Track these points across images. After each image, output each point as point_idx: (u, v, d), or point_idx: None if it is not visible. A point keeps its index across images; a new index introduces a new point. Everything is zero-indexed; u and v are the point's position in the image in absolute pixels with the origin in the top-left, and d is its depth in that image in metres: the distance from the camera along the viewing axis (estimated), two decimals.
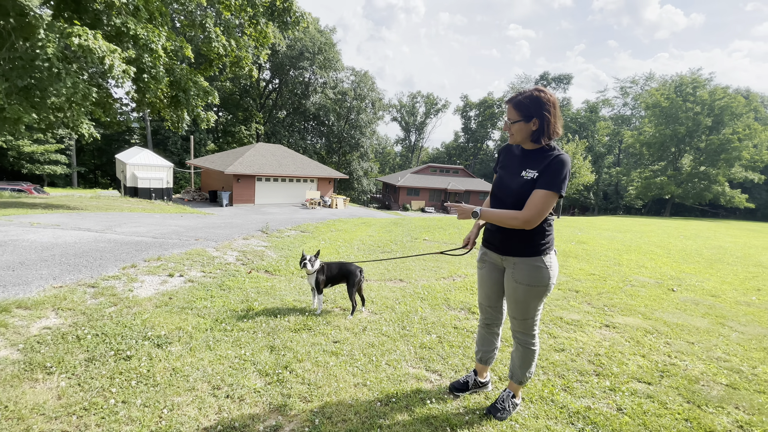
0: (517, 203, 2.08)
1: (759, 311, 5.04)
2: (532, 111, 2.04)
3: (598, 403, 2.55)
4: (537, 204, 1.98)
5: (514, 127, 2.11)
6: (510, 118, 2.13)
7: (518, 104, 2.08)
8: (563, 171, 1.99)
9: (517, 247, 2.12)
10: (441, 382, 2.70)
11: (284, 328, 3.33)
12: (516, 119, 2.09)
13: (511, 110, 2.12)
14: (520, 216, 1.99)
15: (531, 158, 2.11)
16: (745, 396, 2.78)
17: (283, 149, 28.79)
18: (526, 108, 2.06)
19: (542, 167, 2.02)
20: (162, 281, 4.41)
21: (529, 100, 2.06)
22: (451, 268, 6.21)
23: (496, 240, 2.24)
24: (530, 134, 2.08)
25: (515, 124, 2.10)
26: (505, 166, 2.26)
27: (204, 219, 11.83)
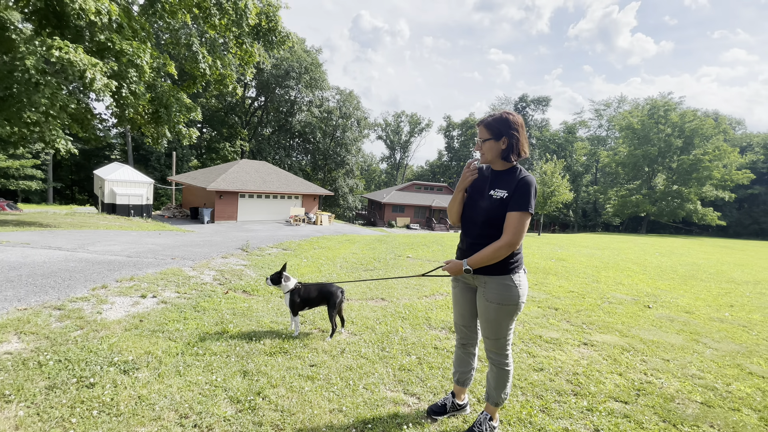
0: (488, 221, 2.14)
1: (732, 327, 5.17)
2: (502, 130, 2.13)
3: (575, 424, 2.54)
4: (515, 225, 2.03)
5: (485, 146, 2.18)
6: (481, 137, 2.20)
7: (489, 125, 2.16)
8: (530, 190, 2.06)
9: (489, 266, 2.15)
10: (419, 405, 2.65)
11: (259, 352, 3.23)
12: (487, 137, 2.16)
13: (483, 130, 2.19)
14: (503, 243, 2.04)
15: (500, 179, 2.18)
16: (719, 414, 2.82)
17: (267, 166, 28.65)
18: (495, 128, 2.14)
19: (512, 189, 2.08)
20: (133, 303, 4.25)
21: (498, 121, 2.15)
22: (433, 286, 6.20)
23: (465, 257, 2.25)
24: (500, 152, 2.15)
25: (486, 142, 2.17)
26: (475, 187, 2.31)
27: (183, 236, 11.56)
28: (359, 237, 15.53)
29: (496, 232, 2.12)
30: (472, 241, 2.21)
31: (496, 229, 2.12)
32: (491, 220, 2.12)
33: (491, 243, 2.11)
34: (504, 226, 2.08)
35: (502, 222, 2.10)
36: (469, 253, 2.22)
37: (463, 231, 2.31)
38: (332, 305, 3.62)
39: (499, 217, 2.10)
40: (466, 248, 2.23)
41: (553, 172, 27.13)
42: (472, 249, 2.19)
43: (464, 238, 2.27)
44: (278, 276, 3.62)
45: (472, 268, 2.12)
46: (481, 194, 2.24)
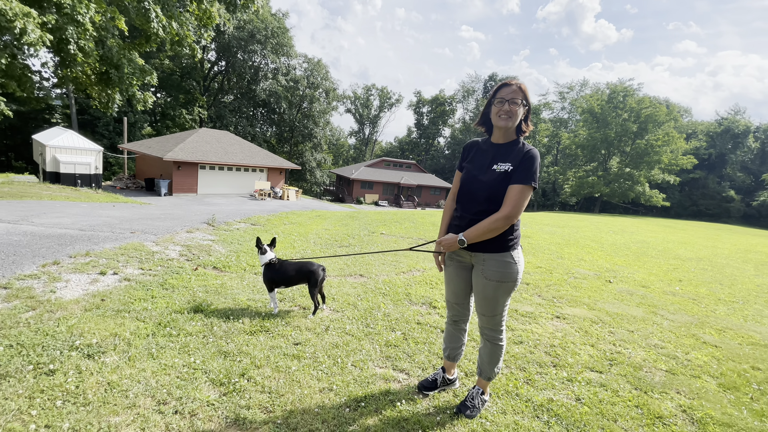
0: (491, 196, 2.06)
1: (683, 300, 5.60)
2: (528, 98, 2.09)
3: (558, 394, 2.64)
4: (515, 198, 1.97)
5: (520, 109, 2.06)
6: (516, 99, 2.05)
7: (524, 90, 2.08)
8: (536, 164, 2.01)
9: (487, 243, 2.09)
10: (409, 381, 2.63)
11: (239, 331, 3.07)
12: (522, 101, 2.07)
13: (519, 93, 2.07)
14: (501, 215, 1.98)
15: (502, 152, 2.10)
16: (683, 381, 3.04)
17: (229, 136, 27.18)
18: (527, 94, 2.09)
19: (517, 161, 2.01)
20: (92, 280, 3.89)
21: (524, 89, 2.08)
22: (409, 262, 6.21)
23: None
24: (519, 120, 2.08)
25: (521, 106, 2.07)
26: (474, 160, 2.23)
27: (140, 209, 10.79)
28: (329, 213, 15.28)
29: (498, 207, 2.05)
30: (472, 217, 2.13)
31: (499, 204, 2.05)
32: (494, 194, 2.05)
33: None
34: (505, 198, 2.01)
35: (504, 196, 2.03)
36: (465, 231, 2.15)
37: (462, 207, 2.22)
38: (313, 284, 3.49)
39: (503, 192, 2.03)
40: (466, 225, 2.16)
41: None
42: (469, 227, 2.12)
43: (463, 215, 2.19)
44: (260, 244, 3.57)
45: (468, 241, 2.05)
46: (481, 169, 2.15)
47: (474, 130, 56.17)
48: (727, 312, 5.26)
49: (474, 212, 2.13)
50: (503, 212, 1.98)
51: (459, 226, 2.22)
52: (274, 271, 3.46)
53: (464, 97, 60.96)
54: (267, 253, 3.49)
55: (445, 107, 61.16)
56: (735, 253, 12.70)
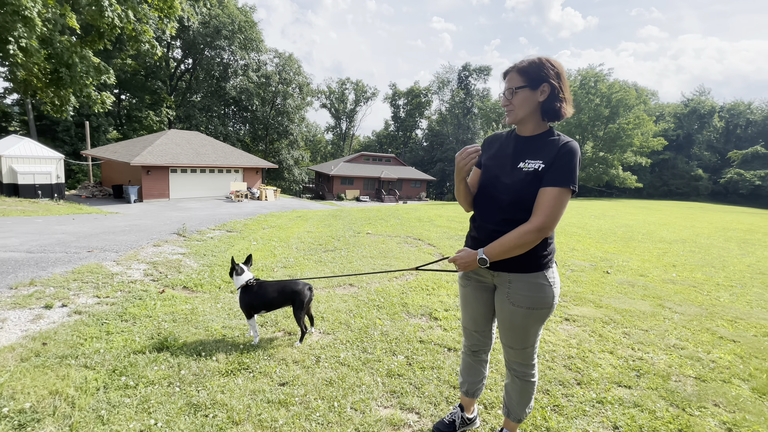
0: (517, 201, 1.65)
1: (685, 289, 5.42)
2: (541, 75, 1.62)
3: (592, 423, 2.29)
4: (550, 205, 1.56)
5: (517, 97, 1.65)
6: (511, 86, 1.66)
7: (523, 69, 1.65)
8: (575, 161, 1.60)
9: (514, 260, 1.69)
10: (421, 423, 2.22)
11: (212, 372, 2.58)
12: (520, 84, 1.64)
13: (515, 77, 1.66)
14: (533, 227, 1.56)
15: (531, 146, 1.68)
16: (716, 389, 2.75)
17: (201, 136, 25.96)
18: (533, 72, 1.63)
19: (551, 158, 1.60)
20: (34, 317, 3.28)
21: (536, 65, 1.63)
22: (401, 265, 5.79)
23: None
24: (537, 107, 1.65)
25: (519, 91, 1.64)
26: (496, 157, 1.81)
27: (104, 221, 9.95)
28: (311, 213, 14.69)
29: (527, 215, 1.65)
30: (493, 228, 1.72)
31: (528, 211, 1.64)
32: (520, 199, 1.64)
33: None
34: (535, 205, 1.60)
35: (534, 201, 1.63)
36: (486, 245, 1.74)
37: (480, 216, 1.81)
38: (299, 306, 3.01)
39: (532, 196, 1.62)
40: (486, 237, 1.74)
41: None
42: (493, 239, 1.70)
43: (482, 225, 1.78)
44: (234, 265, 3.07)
45: (490, 259, 1.64)
46: (504, 168, 1.73)
47: (451, 122, 56.22)
48: (730, 299, 5.10)
49: (496, 221, 1.72)
50: (535, 223, 1.57)
51: (477, 239, 1.80)
52: (252, 295, 2.97)
53: (439, 88, 60.68)
54: (243, 274, 3.01)
55: (421, 99, 60.78)
56: (714, 232, 12.92)
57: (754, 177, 40.82)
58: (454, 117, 56.02)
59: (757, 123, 47.84)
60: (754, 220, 19.51)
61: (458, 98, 55.49)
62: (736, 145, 47.23)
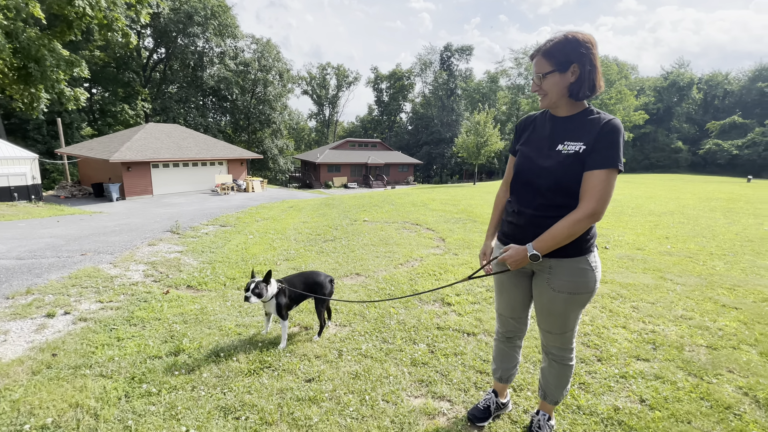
0: (557, 185, 1.62)
1: (682, 260, 5.56)
2: (571, 56, 1.56)
3: (620, 398, 2.33)
4: (600, 189, 1.52)
5: (547, 82, 1.60)
6: (540, 72, 1.61)
7: (549, 52, 1.59)
8: (620, 139, 1.55)
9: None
10: (454, 410, 2.22)
11: (235, 372, 2.52)
12: (549, 70, 1.59)
13: (541, 61, 1.61)
14: (584, 214, 1.53)
15: (569, 127, 1.64)
16: (728, 356, 2.83)
17: (181, 129, 25.18)
18: (561, 54, 1.57)
19: (593, 138, 1.56)
20: (38, 327, 3.15)
21: (563, 44, 1.58)
22: (404, 251, 5.77)
23: (523, 236, 1.74)
24: (568, 88, 1.60)
25: (549, 76, 1.59)
26: (531, 140, 1.77)
27: (90, 221, 9.61)
28: (302, 203, 14.50)
29: (567, 200, 1.61)
30: (532, 213, 1.69)
31: (568, 195, 1.61)
32: (561, 183, 1.60)
33: (563, 214, 1.61)
34: (583, 190, 1.56)
35: (576, 185, 1.59)
36: (529, 231, 1.70)
37: (518, 201, 1.77)
38: (321, 300, 2.96)
39: (573, 179, 1.59)
40: (525, 223, 1.71)
41: (485, 122, 27.67)
42: (534, 224, 1.67)
43: (521, 211, 1.74)
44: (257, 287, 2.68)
45: (541, 253, 1.61)
46: (541, 151, 1.69)
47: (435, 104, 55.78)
48: (725, 267, 5.25)
49: (534, 207, 1.68)
50: (586, 209, 1.53)
51: (516, 225, 1.77)
52: (286, 295, 2.85)
53: (422, 70, 59.95)
54: (271, 285, 2.79)
55: (404, 81, 60.05)
56: (699, 203, 13.28)
57: (732, 147, 41.98)
58: (437, 99, 55.63)
59: (734, 93, 48.93)
60: (733, 189, 20.13)
61: (441, 80, 54.98)
62: (714, 116, 48.32)
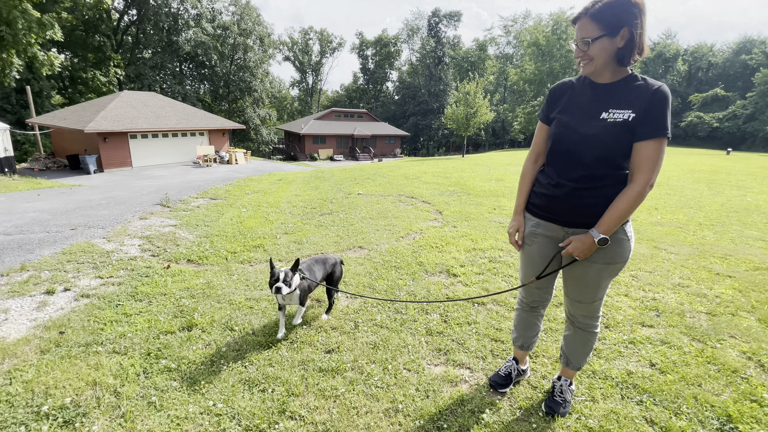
0: (604, 155, 1.57)
1: (673, 230, 5.73)
2: (622, 18, 1.48)
3: (631, 363, 2.42)
4: (654, 160, 1.50)
5: (595, 47, 1.52)
6: (587, 37, 1.53)
7: (599, 14, 1.50)
8: (669, 107, 1.51)
9: (592, 217, 1.64)
10: (475, 377, 2.27)
11: (253, 346, 2.50)
12: (598, 34, 1.51)
13: (588, 25, 1.52)
14: (642, 187, 1.52)
15: (613, 93, 1.58)
16: (728, 322, 2.97)
17: (158, 97, 23.98)
18: (611, 17, 1.49)
19: (643, 106, 1.50)
20: (38, 304, 3.04)
21: (612, 5, 1.48)
22: (403, 224, 5.76)
23: (560, 208, 1.72)
24: (615, 54, 1.53)
25: (598, 41, 1.51)
26: (569, 108, 1.70)
27: (73, 195, 9.21)
28: (291, 175, 14.21)
29: (611, 170, 1.58)
30: (574, 185, 1.65)
31: (612, 166, 1.58)
32: (607, 153, 1.56)
33: (604, 185, 1.58)
34: (636, 161, 1.53)
35: (622, 156, 1.56)
36: (566, 203, 1.68)
37: (557, 172, 1.72)
38: (336, 280, 2.98)
39: (620, 149, 1.55)
40: (563, 195, 1.68)
41: (475, 92, 27.18)
42: (573, 197, 1.65)
43: (560, 183, 1.69)
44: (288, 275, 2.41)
45: (608, 235, 1.58)
46: (582, 120, 1.63)
47: (423, 72, 54.48)
48: (715, 237, 5.44)
49: (576, 178, 1.64)
50: (644, 181, 1.51)
51: (552, 197, 1.73)
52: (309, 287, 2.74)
53: (409, 36, 58.07)
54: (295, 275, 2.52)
55: (390, 48, 58.11)
56: (682, 174, 13.61)
57: (713, 119, 42.78)
58: (425, 67, 54.32)
59: (718, 65, 49.33)
60: (714, 161, 20.69)
61: (429, 47, 53.48)
62: (697, 89, 48.84)
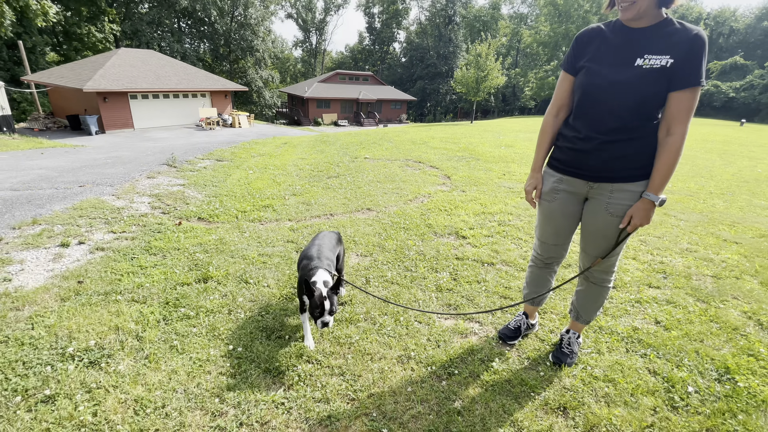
0: (639, 103, 1.51)
1: (683, 198, 5.68)
2: None
3: (637, 320, 2.48)
4: (691, 110, 1.47)
5: None
6: None
7: None
8: (706, 54, 1.45)
9: (622, 169, 1.61)
10: (484, 330, 2.34)
11: (268, 297, 2.56)
12: None
13: None
14: (681, 138, 1.49)
15: (650, 39, 1.50)
16: (732, 285, 3.00)
17: (157, 56, 23.23)
18: None
19: (682, 52, 1.42)
20: (54, 256, 3.09)
21: None
22: (411, 188, 5.72)
23: (588, 162, 1.68)
24: None
25: None
26: (599, 57, 1.62)
27: (77, 155, 9.16)
28: (295, 139, 14.02)
29: (643, 122, 1.54)
30: (605, 139, 1.59)
31: (645, 117, 1.53)
32: (643, 102, 1.50)
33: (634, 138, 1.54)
34: (672, 112, 1.48)
35: (655, 106, 1.51)
36: (595, 157, 1.64)
37: (587, 125, 1.65)
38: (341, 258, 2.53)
39: (655, 98, 1.49)
40: (592, 149, 1.64)
41: (487, 54, 26.03)
42: (603, 150, 1.61)
43: (590, 136, 1.64)
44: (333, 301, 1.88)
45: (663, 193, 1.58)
46: (615, 67, 1.54)
47: (432, 33, 52.16)
48: (724, 205, 5.41)
49: (607, 130, 1.59)
50: (683, 132, 1.48)
51: (580, 151, 1.69)
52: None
53: None
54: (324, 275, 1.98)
55: (398, 6, 55.29)
56: (695, 144, 13.33)
57: (729, 89, 41.26)
58: (434, 27, 51.93)
59: (740, 32, 46.95)
60: (727, 132, 20.19)
61: (439, 5, 50.83)
62: (716, 56, 46.77)
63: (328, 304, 1.80)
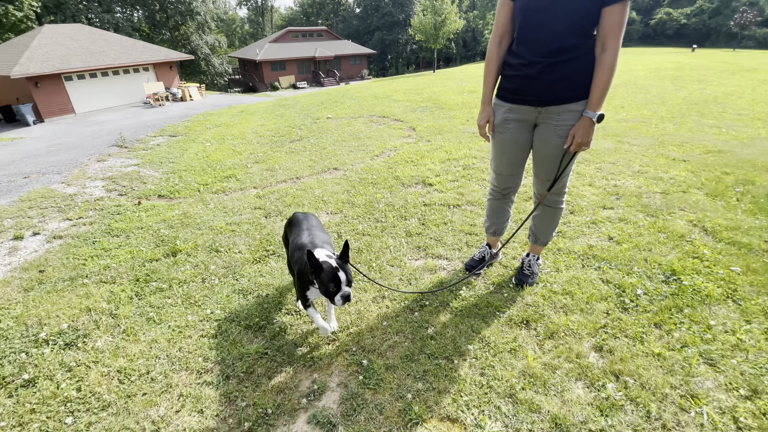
0: (577, 22, 1.56)
1: (637, 125, 5.91)
2: None
3: (592, 239, 2.66)
4: (622, 25, 1.52)
5: None
6: None
7: None
8: None
9: (566, 91, 1.67)
10: (452, 265, 2.46)
11: (241, 263, 2.58)
12: None
13: None
14: (615, 53, 1.54)
15: None
16: (679, 198, 3.24)
17: (87, 30, 21.05)
18: None
19: None
20: (9, 250, 2.95)
21: None
22: (378, 144, 5.68)
23: (534, 87, 1.72)
24: None
25: None
26: None
27: (16, 147, 8.45)
28: (253, 106, 13.37)
29: (581, 40, 1.57)
30: (547, 61, 1.63)
31: (582, 35, 1.56)
32: (582, 20, 1.54)
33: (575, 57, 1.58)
34: (606, 28, 1.52)
35: (592, 22, 1.54)
36: (541, 81, 1.67)
37: (527, 50, 1.68)
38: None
39: (591, 15, 1.53)
40: (537, 73, 1.67)
41: None
42: (548, 72, 1.64)
43: (532, 61, 1.67)
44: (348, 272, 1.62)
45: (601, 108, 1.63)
46: None
47: None
48: (675, 128, 5.68)
49: (547, 52, 1.62)
50: (616, 47, 1.53)
51: (526, 77, 1.72)
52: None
53: None
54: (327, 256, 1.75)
55: None
56: (649, 73, 13.66)
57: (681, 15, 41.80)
58: None
59: None
60: (680, 58, 20.71)
61: None
62: None
63: (342, 274, 1.54)
